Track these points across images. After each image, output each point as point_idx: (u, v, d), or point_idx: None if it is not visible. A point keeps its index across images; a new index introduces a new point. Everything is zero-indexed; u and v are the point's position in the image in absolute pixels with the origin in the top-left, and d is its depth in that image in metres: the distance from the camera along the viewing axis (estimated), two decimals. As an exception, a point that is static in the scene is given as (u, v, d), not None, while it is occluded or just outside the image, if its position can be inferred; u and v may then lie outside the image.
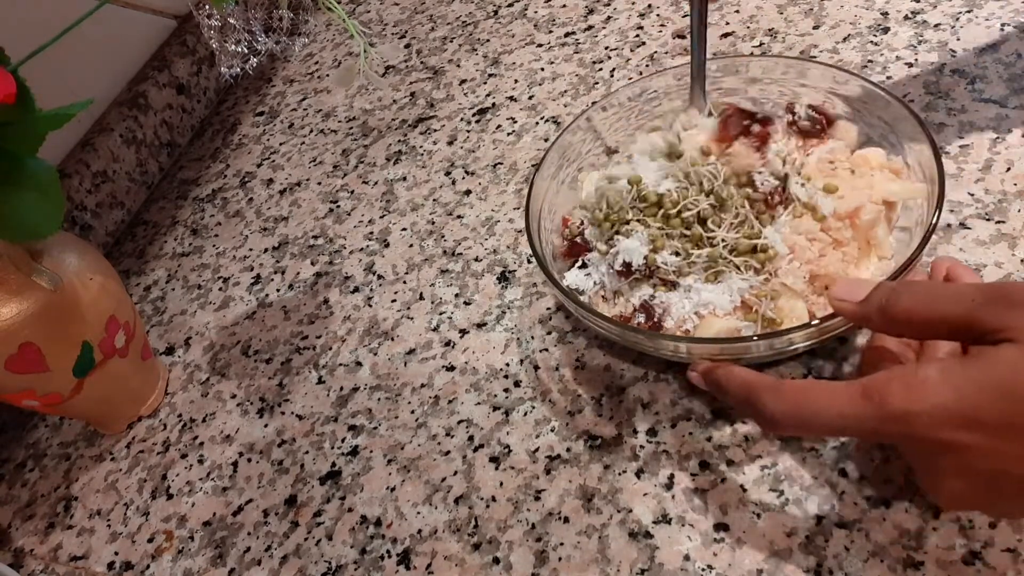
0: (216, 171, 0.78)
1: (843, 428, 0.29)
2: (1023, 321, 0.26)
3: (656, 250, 0.43)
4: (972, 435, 0.26)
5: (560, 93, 0.68)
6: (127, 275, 0.70)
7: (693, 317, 0.42)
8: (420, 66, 0.79)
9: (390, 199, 0.66)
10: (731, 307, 0.41)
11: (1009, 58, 0.54)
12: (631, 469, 0.43)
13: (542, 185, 0.49)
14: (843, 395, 0.29)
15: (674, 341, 0.40)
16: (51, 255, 0.48)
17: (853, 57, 0.59)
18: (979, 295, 0.28)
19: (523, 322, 0.52)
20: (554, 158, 0.50)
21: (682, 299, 0.42)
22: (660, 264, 0.43)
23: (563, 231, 0.49)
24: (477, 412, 0.49)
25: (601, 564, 0.40)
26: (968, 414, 0.26)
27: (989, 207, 0.47)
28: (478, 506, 0.44)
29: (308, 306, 0.60)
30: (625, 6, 0.74)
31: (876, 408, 0.28)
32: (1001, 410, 0.26)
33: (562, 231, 0.49)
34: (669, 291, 0.43)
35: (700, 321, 0.41)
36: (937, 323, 0.29)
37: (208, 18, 0.49)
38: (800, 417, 0.30)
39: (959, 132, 0.51)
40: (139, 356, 0.55)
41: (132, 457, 0.55)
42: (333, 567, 0.44)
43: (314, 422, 0.52)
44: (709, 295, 0.41)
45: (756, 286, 0.41)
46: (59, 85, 0.69)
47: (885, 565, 0.36)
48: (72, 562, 0.51)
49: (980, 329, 0.27)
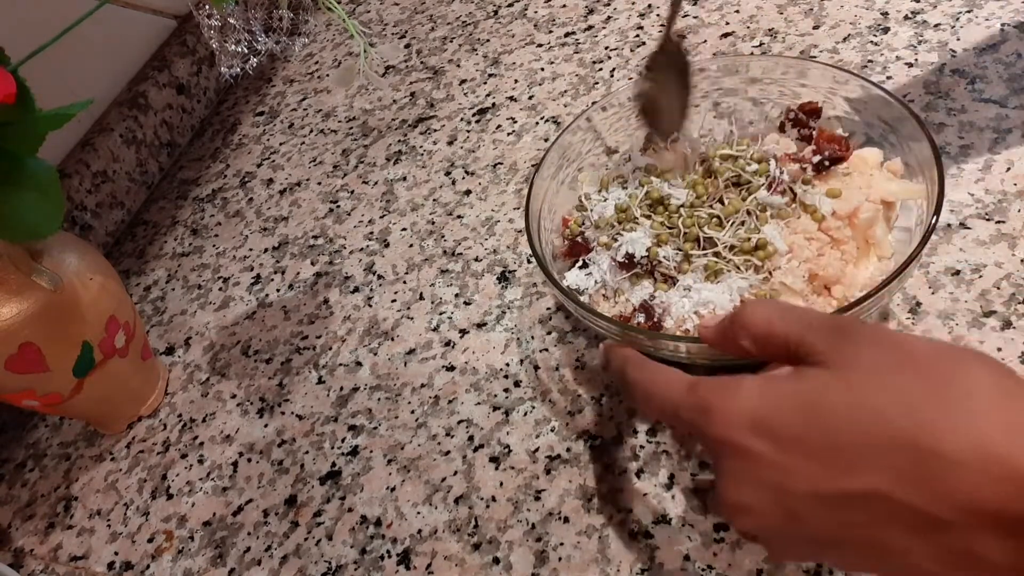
0: (216, 171, 0.78)
1: (662, 410, 0.31)
2: (842, 349, 0.27)
3: (659, 244, 0.44)
4: (763, 443, 0.26)
5: (560, 93, 0.68)
6: (127, 275, 0.70)
7: (693, 316, 0.42)
8: (420, 66, 0.79)
9: (390, 199, 0.66)
10: (731, 306, 0.41)
11: (1009, 58, 0.54)
12: (631, 469, 0.43)
13: (542, 185, 0.49)
14: (677, 382, 0.31)
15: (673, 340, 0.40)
16: (51, 255, 0.48)
17: (853, 57, 0.59)
18: (817, 320, 0.28)
19: (523, 322, 0.52)
20: (554, 158, 0.50)
21: (682, 298, 0.42)
22: (662, 258, 0.43)
23: (563, 231, 0.49)
24: (477, 412, 0.49)
25: (601, 564, 0.40)
26: (764, 422, 0.26)
27: (989, 207, 0.47)
28: (478, 506, 0.44)
29: (308, 306, 0.60)
30: (625, 6, 0.74)
31: (694, 399, 0.29)
32: (796, 423, 0.26)
33: (562, 231, 0.49)
34: (669, 290, 0.43)
35: (700, 320, 0.42)
36: (778, 338, 0.29)
37: (208, 18, 0.49)
38: (644, 391, 0.33)
39: (959, 132, 0.51)
40: (139, 356, 0.55)
41: (132, 457, 0.55)
42: (333, 567, 0.44)
43: (314, 422, 0.52)
44: (709, 294, 0.42)
45: (755, 285, 0.41)
46: (59, 85, 0.69)
47: (885, 565, 0.36)
48: (72, 562, 0.51)
49: (807, 350, 0.28)
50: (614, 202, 0.47)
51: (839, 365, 0.26)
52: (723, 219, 0.44)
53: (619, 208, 0.47)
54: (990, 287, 0.44)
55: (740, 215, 0.44)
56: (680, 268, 0.43)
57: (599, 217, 0.47)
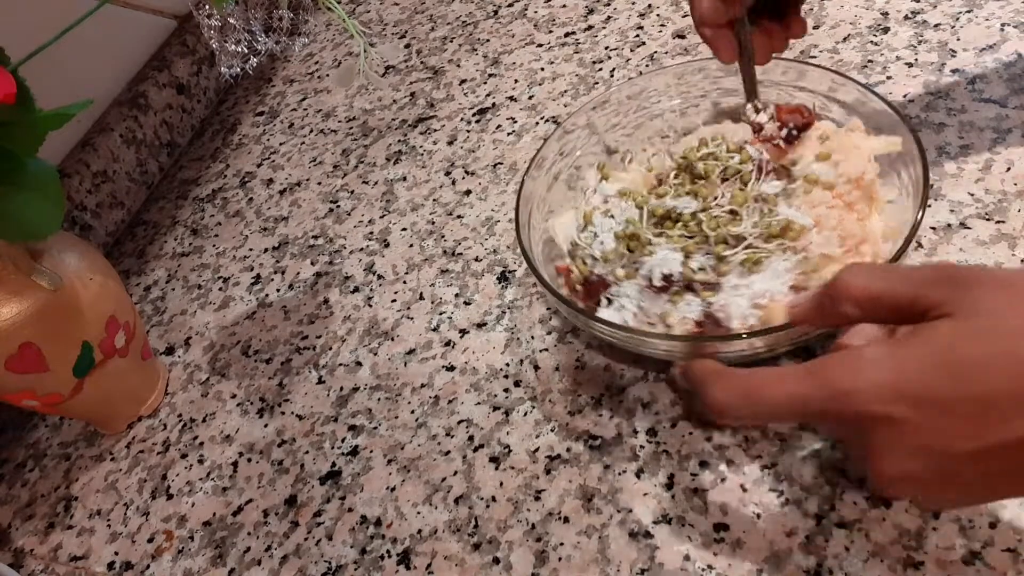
0: (216, 171, 0.78)
1: (790, 409, 0.29)
2: (962, 297, 0.26)
3: (688, 255, 0.43)
4: (909, 409, 0.26)
5: (560, 93, 0.68)
6: (127, 275, 0.70)
7: (754, 311, 0.41)
8: (420, 66, 0.79)
9: (390, 199, 0.66)
10: (785, 288, 0.41)
11: (1009, 58, 0.54)
12: (631, 469, 0.43)
13: (531, 186, 0.49)
14: (789, 377, 0.29)
15: (753, 337, 0.39)
16: (51, 255, 0.48)
17: (853, 57, 0.59)
18: (924, 274, 0.28)
19: (523, 322, 0.52)
20: (547, 157, 0.50)
21: (735, 297, 0.41)
22: (697, 268, 0.42)
23: (568, 281, 0.47)
24: (477, 412, 0.49)
25: (601, 564, 0.40)
26: (905, 388, 0.26)
27: (989, 207, 0.47)
28: (478, 506, 0.44)
29: (308, 306, 0.60)
30: (625, 6, 0.74)
31: (820, 386, 0.28)
32: (938, 383, 0.26)
33: (567, 282, 0.47)
34: (715, 295, 0.42)
35: (763, 312, 0.41)
36: (886, 299, 0.29)
37: (208, 18, 0.49)
38: (750, 401, 0.30)
39: (959, 132, 0.51)
40: (139, 356, 0.55)
41: (132, 457, 0.55)
42: (333, 567, 0.45)
43: (314, 422, 0.52)
44: (761, 284, 0.41)
45: (798, 263, 0.41)
46: (59, 85, 0.69)
47: (885, 565, 0.36)
48: (72, 562, 0.51)
49: (925, 305, 0.27)
50: (612, 233, 0.46)
51: (963, 314, 0.26)
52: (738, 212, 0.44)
53: (625, 236, 0.45)
54: (990, 287, 0.44)
55: (750, 203, 0.44)
56: (719, 271, 0.42)
57: (602, 252, 0.45)
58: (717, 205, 0.44)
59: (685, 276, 0.42)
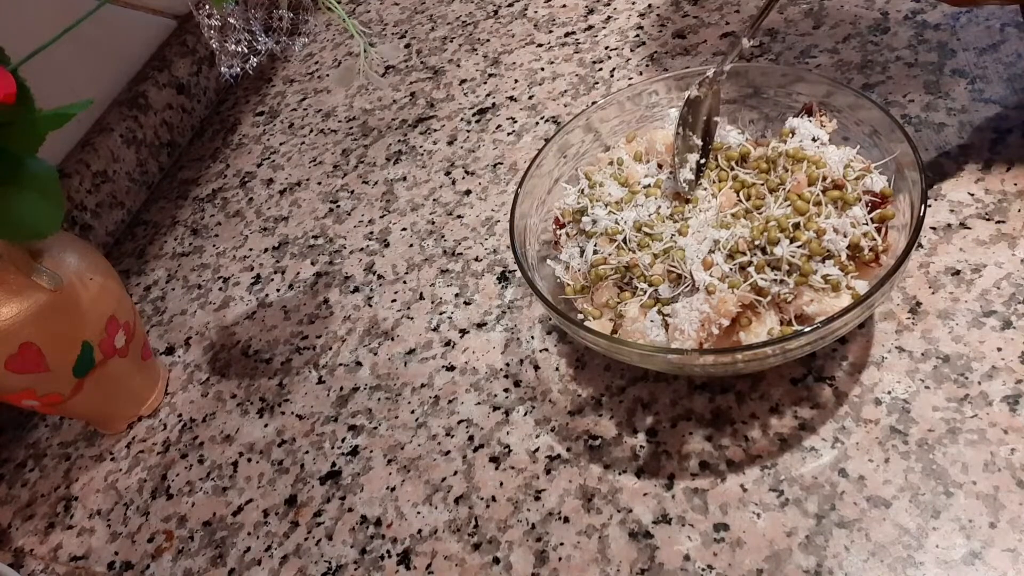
0: (216, 171, 0.78)
1: None
2: None
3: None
4: None
5: (560, 93, 0.68)
6: (127, 275, 0.70)
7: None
8: (420, 66, 0.79)
9: (390, 199, 0.66)
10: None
11: (1009, 58, 0.54)
12: (631, 469, 0.43)
13: (532, 183, 0.49)
14: None
15: (647, 353, 0.39)
16: (51, 255, 0.48)
17: (853, 57, 0.59)
18: None
19: (523, 322, 0.52)
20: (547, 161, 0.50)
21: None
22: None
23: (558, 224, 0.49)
24: (477, 412, 0.49)
25: (601, 564, 0.40)
26: None
27: (989, 207, 0.47)
28: (478, 506, 0.44)
29: (308, 306, 0.60)
30: (625, 6, 0.74)
31: None
32: None
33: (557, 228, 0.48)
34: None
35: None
36: None
37: (208, 18, 0.49)
38: None
39: (959, 132, 0.51)
40: (139, 356, 0.55)
41: (132, 457, 0.55)
42: (333, 567, 0.45)
43: (314, 422, 0.52)
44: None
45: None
46: (59, 85, 0.69)
47: (885, 565, 0.36)
48: (72, 562, 0.51)
49: None
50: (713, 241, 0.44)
51: None
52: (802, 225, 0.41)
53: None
54: (990, 287, 0.44)
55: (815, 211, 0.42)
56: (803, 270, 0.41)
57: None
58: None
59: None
